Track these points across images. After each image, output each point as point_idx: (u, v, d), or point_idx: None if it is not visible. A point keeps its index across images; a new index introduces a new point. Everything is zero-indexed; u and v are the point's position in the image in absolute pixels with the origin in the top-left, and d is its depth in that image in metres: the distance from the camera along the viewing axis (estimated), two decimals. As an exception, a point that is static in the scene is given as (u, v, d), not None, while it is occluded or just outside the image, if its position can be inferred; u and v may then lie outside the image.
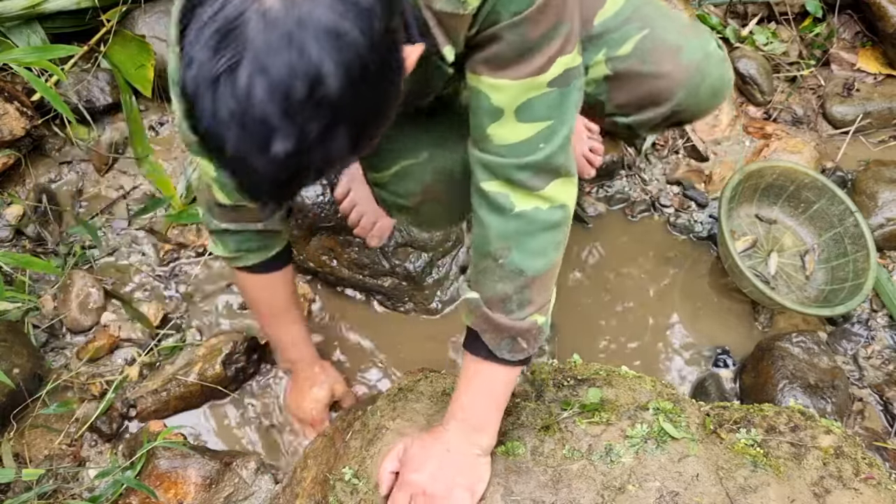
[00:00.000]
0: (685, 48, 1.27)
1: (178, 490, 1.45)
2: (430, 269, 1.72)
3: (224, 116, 0.73)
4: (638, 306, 1.79)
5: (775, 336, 1.69)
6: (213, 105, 0.73)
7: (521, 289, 1.08)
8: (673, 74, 1.27)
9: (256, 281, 1.37)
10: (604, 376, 1.32)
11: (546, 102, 1.01)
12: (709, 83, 1.30)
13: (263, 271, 1.34)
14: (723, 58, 1.34)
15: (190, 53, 0.73)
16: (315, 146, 0.75)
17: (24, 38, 1.79)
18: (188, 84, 0.74)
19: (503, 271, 1.07)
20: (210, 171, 1.17)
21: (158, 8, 1.90)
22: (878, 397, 1.67)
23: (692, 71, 1.28)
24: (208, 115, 0.73)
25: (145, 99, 1.93)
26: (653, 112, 1.33)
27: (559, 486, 1.15)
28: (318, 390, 1.54)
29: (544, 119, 1.02)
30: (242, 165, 0.76)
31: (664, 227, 1.91)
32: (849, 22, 2.19)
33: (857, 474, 1.19)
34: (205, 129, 0.75)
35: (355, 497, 1.19)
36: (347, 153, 0.79)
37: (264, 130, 0.73)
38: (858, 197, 1.87)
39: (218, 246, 1.30)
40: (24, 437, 1.50)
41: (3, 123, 1.72)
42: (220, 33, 0.71)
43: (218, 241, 1.30)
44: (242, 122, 0.73)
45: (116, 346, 1.66)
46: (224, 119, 0.73)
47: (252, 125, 0.73)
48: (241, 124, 0.73)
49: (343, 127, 0.77)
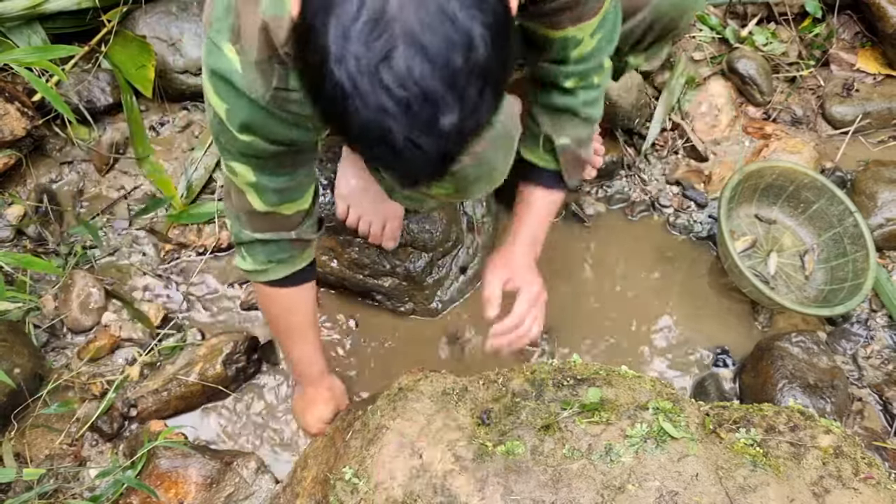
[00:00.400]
0: None
1: (179, 490, 1.45)
2: (430, 269, 1.72)
3: (387, 104, 0.73)
4: (637, 306, 1.79)
5: (775, 336, 1.69)
6: (375, 96, 0.73)
7: (591, 132, 1.40)
8: None
9: (281, 297, 1.35)
10: (604, 376, 1.32)
11: (608, 16, 1.24)
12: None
13: (290, 285, 1.33)
14: None
15: (339, 52, 0.72)
16: (473, 112, 0.78)
17: (25, 38, 1.80)
18: (342, 83, 0.73)
19: (585, 122, 1.37)
20: (249, 176, 1.16)
21: (159, 8, 1.91)
22: (877, 397, 1.67)
23: None
24: (370, 107, 0.73)
25: (146, 99, 1.93)
26: (632, 21, 1.42)
27: (559, 485, 1.16)
28: (324, 408, 1.54)
29: (605, 27, 1.25)
30: (408, 149, 0.76)
31: (664, 227, 1.91)
32: (848, 22, 2.19)
33: (856, 474, 1.19)
34: (364, 123, 0.74)
35: (355, 497, 1.19)
36: (492, 113, 0.82)
37: (430, 107, 0.74)
38: (858, 197, 1.87)
39: (246, 259, 1.29)
40: (24, 437, 1.51)
41: (3, 124, 1.72)
42: (370, 24, 0.72)
43: (247, 254, 1.28)
44: (408, 105, 0.73)
45: (117, 345, 1.66)
46: (388, 107, 0.73)
47: (418, 105, 0.73)
48: (406, 107, 0.73)
49: (490, 87, 0.79)
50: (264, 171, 1.16)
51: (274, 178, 1.17)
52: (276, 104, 1.03)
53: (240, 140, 1.09)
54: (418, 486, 1.17)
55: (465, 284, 1.77)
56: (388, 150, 0.77)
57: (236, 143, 1.10)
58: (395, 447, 1.22)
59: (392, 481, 1.18)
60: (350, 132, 0.76)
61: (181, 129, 1.95)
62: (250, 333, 1.67)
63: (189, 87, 1.93)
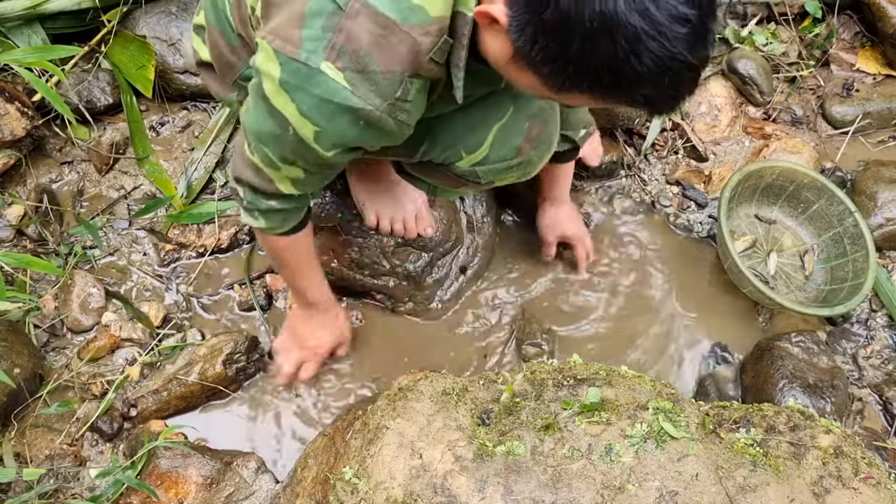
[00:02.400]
0: None
1: (179, 489, 1.45)
2: (430, 269, 1.72)
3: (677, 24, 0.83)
4: (638, 306, 1.79)
5: (775, 336, 1.69)
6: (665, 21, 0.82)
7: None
8: None
9: (287, 242, 1.39)
10: (603, 376, 1.32)
11: None
12: None
13: (293, 232, 1.37)
14: None
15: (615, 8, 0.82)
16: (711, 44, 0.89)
17: (25, 38, 1.80)
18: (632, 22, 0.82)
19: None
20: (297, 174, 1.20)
21: (159, 8, 1.91)
22: (877, 397, 1.67)
23: None
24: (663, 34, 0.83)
25: (146, 99, 1.93)
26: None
27: (559, 485, 1.16)
28: (327, 337, 1.59)
29: None
30: (677, 64, 0.85)
31: (664, 227, 1.91)
32: (848, 22, 2.19)
33: (856, 474, 1.19)
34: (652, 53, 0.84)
35: (355, 496, 1.19)
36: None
37: (709, 30, 0.86)
38: (858, 197, 1.87)
39: (260, 220, 1.32)
40: (24, 437, 1.51)
41: (3, 124, 1.72)
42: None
43: (260, 217, 1.31)
44: (696, 25, 0.84)
45: (117, 346, 1.66)
46: (677, 26, 0.83)
47: (703, 28, 0.85)
48: (694, 27, 0.84)
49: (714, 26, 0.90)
50: (316, 173, 1.21)
51: (319, 175, 1.23)
52: (390, 113, 1.05)
53: (321, 154, 1.11)
54: (418, 486, 1.17)
55: (465, 284, 1.77)
56: (673, 75, 0.86)
57: (312, 156, 1.13)
58: (395, 447, 1.22)
59: (392, 481, 1.18)
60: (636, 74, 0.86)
61: (181, 129, 1.95)
62: (250, 333, 1.67)
63: (189, 87, 1.93)
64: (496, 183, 1.38)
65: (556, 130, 1.38)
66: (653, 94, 0.90)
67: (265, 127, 1.11)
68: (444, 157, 1.31)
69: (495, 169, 1.32)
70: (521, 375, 1.34)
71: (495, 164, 1.31)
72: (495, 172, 1.33)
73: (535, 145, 1.32)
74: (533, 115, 1.31)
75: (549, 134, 1.35)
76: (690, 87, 0.92)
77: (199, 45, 1.44)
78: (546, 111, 1.34)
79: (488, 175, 1.34)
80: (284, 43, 1.01)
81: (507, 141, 1.29)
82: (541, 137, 1.33)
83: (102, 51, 1.89)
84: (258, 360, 1.67)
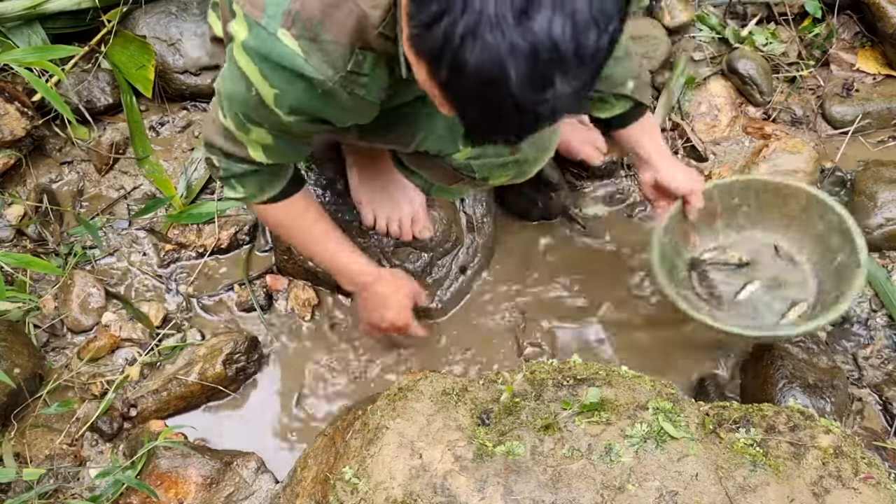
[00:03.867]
0: None
1: (179, 489, 1.45)
2: (430, 269, 1.72)
3: (520, 49, 0.75)
4: (637, 306, 1.79)
5: (775, 336, 1.69)
6: (504, 40, 0.75)
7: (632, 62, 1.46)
8: None
9: (279, 212, 1.38)
10: (603, 376, 1.32)
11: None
12: None
13: (284, 198, 1.35)
14: None
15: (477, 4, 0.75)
16: (574, 97, 0.81)
17: (25, 38, 1.80)
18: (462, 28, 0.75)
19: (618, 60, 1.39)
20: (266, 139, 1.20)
21: (159, 8, 1.91)
22: (877, 397, 1.67)
23: None
24: (494, 50, 0.75)
25: (146, 99, 1.93)
26: None
27: (559, 485, 1.16)
28: (403, 298, 1.54)
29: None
30: (511, 99, 0.78)
31: (664, 227, 1.91)
32: (848, 22, 2.19)
33: (856, 474, 1.19)
34: (481, 64, 0.76)
35: (355, 496, 1.19)
36: (579, 109, 0.87)
37: (552, 70, 0.77)
38: (858, 197, 1.87)
39: (237, 189, 1.31)
40: (24, 437, 1.51)
41: (3, 124, 1.72)
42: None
43: (237, 184, 1.31)
44: (534, 59, 0.76)
45: (117, 346, 1.66)
46: (517, 52, 0.75)
47: (543, 63, 0.76)
48: (531, 61, 0.76)
49: (593, 81, 0.82)
50: (284, 139, 1.21)
51: (289, 144, 1.23)
52: (344, 85, 1.06)
53: (283, 119, 1.13)
54: (418, 486, 1.17)
55: (465, 284, 1.77)
56: (498, 94, 0.78)
57: (274, 119, 1.14)
58: (395, 447, 1.22)
59: (392, 481, 1.18)
60: (463, 76, 0.78)
61: (181, 129, 1.95)
62: (250, 333, 1.67)
63: (189, 87, 1.93)
64: (491, 181, 1.37)
65: (558, 132, 1.35)
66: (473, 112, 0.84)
67: (234, 88, 1.13)
68: (440, 149, 1.30)
69: (490, 164, 1.31)
70: (521, 375, 1.34)
71: (491, 158, 1.30)
72: (490, 167, 1.32)
73: (531, 143, 1.29)
74: None
75: (550, 139, 1.33)
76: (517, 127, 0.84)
77: (214, 20, 1.43)
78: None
79: (483, 170, 1.33)
80: (252, 8, 1.05)
81: None
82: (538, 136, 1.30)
83: (102, 51, 1.89)
84: (258, 360, 1.67)
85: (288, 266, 1.76)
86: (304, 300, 1.74)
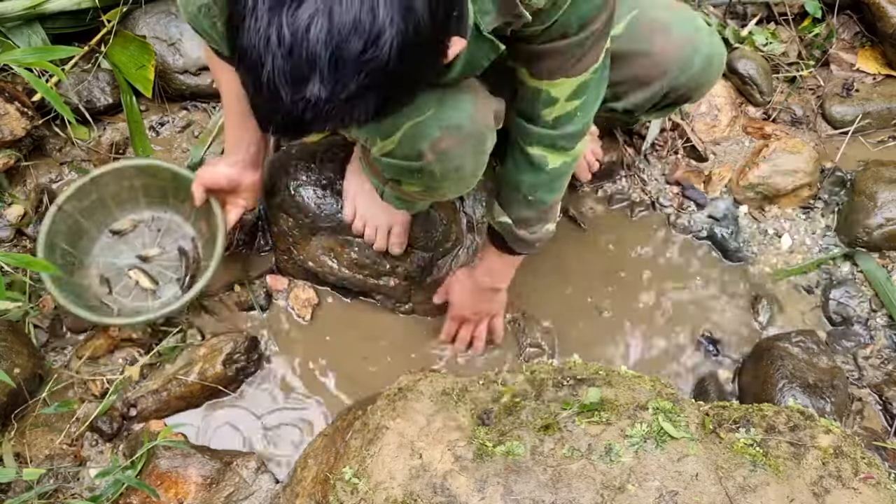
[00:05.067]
0: (674, 24, 1.33)
1: (179, 489, 1.45)
2: (430, 269, 1.72)
3: (273, 43, 0.74)
4: (637, 306, 1.79)
5: (775, 336, 1.70)
6: (267, 27, 0.74)
7: (542, 214, 1.40)
8: (665, 51, 1.33)
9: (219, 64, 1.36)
10: (603, 376, 1.32)
11: (590, 83, 1.20)
12: (701, 55, 1.35)
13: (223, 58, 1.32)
14: (711, 31, 1.41)
15: None
16: (343, 102, 0.78)
17: (25, 38, 1.80)
18: (247, 2, 0.75)
19: (530, 204, 1.36)
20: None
21: (159, 8, 1.91)
22: (877, 397, 1.67)
23: (683, 45, 1.33)
24: (259, 34, 0.75)
25: (146, 99, 1.93)
26: (648, 91, 1.38)
27: (559, 485, 1.16)
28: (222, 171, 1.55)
29: (584, 95, 1.21)
30: (269, 90, 0.77)
31: (664, 227, 1.91)
32: (848, 22, 2.19)
33: (856, 474, 1.19)
34: (247, 45, 0.76)
35: (355, 497, 1.19)
36: (364, 119, 0.82)
37: (306, 70, 0.75)
38: (858, 197, 1.87)
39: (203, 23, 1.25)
40: (24, 437, 1.51)
41: (3, 124, 1.72)
42: None
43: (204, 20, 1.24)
44: (289, 55, 0.75)
45: (117, 345, 1.66)
46: (272, 45, 0.74)
47: (297, 61, 0.75)
48: (286, 56, 0.75)
49: (374, 93, 0.79)
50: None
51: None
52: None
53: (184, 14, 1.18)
54: (418, 486, 1.17)
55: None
56: (254, 80, 0.78)
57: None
58: (395, 447, 1.22)
59: (392, 481, 1.18)
60: (236, 46, 0.78)
61: (181, 129, 1.95)
62: (250, 333, 1.67)
63: (189, 87, 1.93)
64: (403, 186, 1.34)
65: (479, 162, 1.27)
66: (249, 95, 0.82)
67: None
68: (365, 139, 1.27)
69: (398, 166, 1.26)
70: (521, 375, 1.34)
71: (399, 160, 1.25)
72: (398, 170, 1.28)
73: (439, 157, 1.22)
74: (448, 128, 1.20)
75: (461, 156, 1.24)
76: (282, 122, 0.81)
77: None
78: (467, 130, 1.22)
79: (391, 170, 1.29)
80: None
81: (414, 140, 1.21)
82: (448, 153, 1.22)
83: (102, 51, 1.89)
84: (258, 360, 1.67)
85: (288, 266, 1.76)
86: (304, 300, 1.74)
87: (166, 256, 1.73)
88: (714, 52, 1.39)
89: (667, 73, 1.35)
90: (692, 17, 1.38)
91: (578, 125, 1.26)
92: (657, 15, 1.33)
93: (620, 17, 1.29)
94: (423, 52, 0.80)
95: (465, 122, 1.22)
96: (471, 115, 1.22)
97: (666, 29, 1.33)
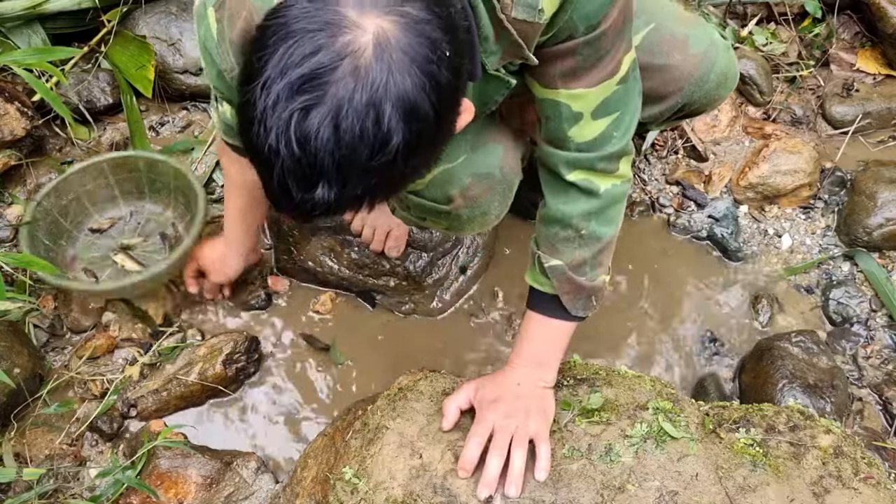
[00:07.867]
0: (692, 39, 1.31)
1: (179, 489, 1.45)
2: (430, 269, 1.72)
3: (283, 150, 0.76)
4: (637, 306, 1.79)
5: (775, 336, 1.70)
6: (278, 129, 0.76)
7: (597, 253, 1.22)
8: (682, 66, 1.31)
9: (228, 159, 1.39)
10: (603, 376, 1.32)
11: (616, 98, 1.12)
12: (717, 72, 1.33)
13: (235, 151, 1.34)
14: (728, 46, 1.37)
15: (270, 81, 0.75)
16: (345, 202, 0.81)
17: (25, 38, 1.80)
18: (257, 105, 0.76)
19: (583, 240, 1.20)
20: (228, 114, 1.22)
21: (159, 8, 1.91)
22: (877, 397, 1.67)
23: (700, 61, 1.31)
24: (271, 134, 0.76)
25: (146, 99, 1.93)
26: (663, 105, 1.36)
27: (559, 485, 1.16)
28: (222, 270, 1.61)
29: (615, 112, 1.13)
30: (279, 188, 0.80)
31: (664, 227, 1.91)
32: (848, 22, 2.19)
33: (856, 474, 1.19)
34: (257, 145, 0.78)
35: (355, 497, 1.19)
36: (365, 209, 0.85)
37: (315, 174, 0.78)
38: (858, 197, 1.87)
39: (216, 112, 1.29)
40: (24, 437, 1.51)
41: (3, 124, 1.72)
42: (305, 78, 0.75)
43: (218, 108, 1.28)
44: (299, 158, 0.77)
45: (117, 345, 1.66)
46: (283, 146, 0.76)
47: (306, 164, 0.77)
48: (296, 159, 0.77)
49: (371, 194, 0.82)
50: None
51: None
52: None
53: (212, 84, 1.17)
54: (418, 486, 1.17)
55: (465, 284, 1.77)
56: (265, 175, 0.81)
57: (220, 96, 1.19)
58: (395, 447, 1.22)
59: (392, 481, 1.18)
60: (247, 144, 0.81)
61: (181, 129, 1.95)
62: (250, 333, 1.67)
63: (189, 87, 1.93)
64: (426, 223, 1.36)
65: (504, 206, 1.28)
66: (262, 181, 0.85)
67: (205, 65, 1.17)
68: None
69: (425, 206, 1.28)
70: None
71: (427, 201, 1.27)
72: (425, 209, 1.29)
73: (468, 203, 1.24)
74: (479, 175, 1.22)
75: (490, 202, 1.25)
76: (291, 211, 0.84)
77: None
78: (497, 178, 1.24)
79: (418, 209, 1.31)
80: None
81: (444, 185, 1.23)
82: (477, 200, 1.24)
83: (102, 51, 1.89)
84: (258, 360, 1.67)
85: (288, 266, 1.76)
86: (304, 300, 1.74)
87: (150, 242, 1.75)
88: (729, 68, 1.36)
89: (683, 88, 1.32)
90: (709, 32, 1.35)
91: (617, 146, 1.15)
92: (675, 29, 1.30)
93: (637, 29, 1.25)
94: (433, 141, 0.82)
95: (495, 171, 1.25)
96: (500, 163, 1.25)
97: (683, 44, 1.30)
